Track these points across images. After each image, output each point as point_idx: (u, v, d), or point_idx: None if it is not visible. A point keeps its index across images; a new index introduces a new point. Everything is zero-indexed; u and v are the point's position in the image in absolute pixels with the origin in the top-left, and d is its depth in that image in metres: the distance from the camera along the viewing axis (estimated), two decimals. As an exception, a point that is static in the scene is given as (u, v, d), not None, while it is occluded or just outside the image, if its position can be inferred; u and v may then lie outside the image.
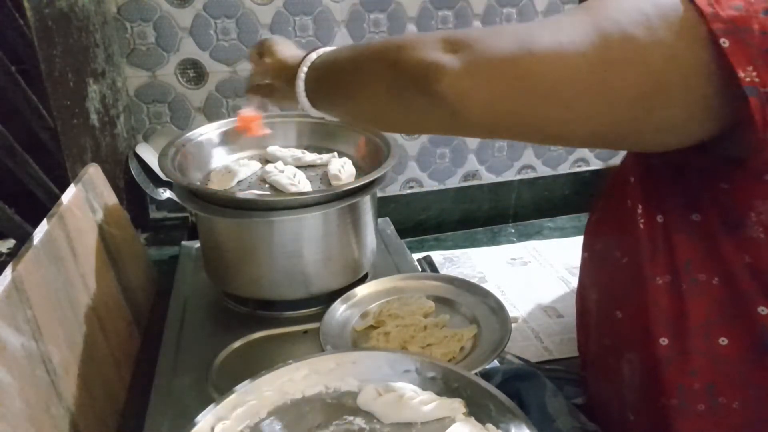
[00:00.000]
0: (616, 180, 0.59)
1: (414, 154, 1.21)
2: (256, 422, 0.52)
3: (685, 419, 0.52)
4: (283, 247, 0.75)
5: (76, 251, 0.66)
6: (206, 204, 0.74)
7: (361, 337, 0.74)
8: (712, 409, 0.51)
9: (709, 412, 0.51)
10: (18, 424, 0.46)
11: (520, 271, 1.07)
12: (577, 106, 0.42)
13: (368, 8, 1.06)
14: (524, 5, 1.13)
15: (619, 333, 0.58)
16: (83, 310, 0.64)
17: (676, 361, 0.51)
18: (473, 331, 0.73)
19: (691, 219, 0.50)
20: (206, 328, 0.79)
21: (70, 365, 0.57)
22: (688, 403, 0.52)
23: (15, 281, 0.51)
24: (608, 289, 0.60)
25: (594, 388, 0.69)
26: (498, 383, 0.69)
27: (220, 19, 1.01)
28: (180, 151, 0.82)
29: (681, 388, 0.51)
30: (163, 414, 0.64)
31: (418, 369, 0.56)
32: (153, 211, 1.08)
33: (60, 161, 0.77)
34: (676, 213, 0.51)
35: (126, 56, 1.01)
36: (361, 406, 0.53)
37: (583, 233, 0.65)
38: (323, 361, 0.57)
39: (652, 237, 0.52)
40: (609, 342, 0.61)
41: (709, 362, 0.50)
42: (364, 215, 0.80)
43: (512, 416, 0.49)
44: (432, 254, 1.11)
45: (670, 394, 0.52)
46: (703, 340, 0.50)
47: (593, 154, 1.32)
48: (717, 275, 0.49)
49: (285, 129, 0.95)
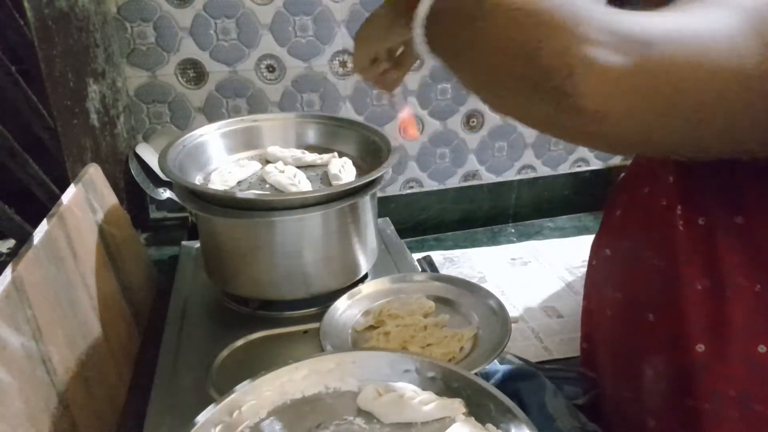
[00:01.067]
0: (642, 175, 0.57)
1: (414, 154, 1.21)
2: (256, 422, 0.52)
3: (716, 426, 0.51)
4: (283, 247, 0.75)
5: (76, 251, 0.66)
6: (206, 204, 0.74)
7: (361, 337, 0.74)
8: (746, 416, 0.49)
9: (742, 419, 0.50)
10: (18, 424, 0.46)
11: (520, 271, 1.07)
12: (747, 115, 0.38)
13: (368, 8, 1.06)
14: (524, 5, 1.13)
15: (645, 336, 0.56)
16: (83, 310, 0.64)
17: (711, 367, 0.50)
18: (473, 331, 0.73)
19: (735, 222, 0.48)
20: (206, 328, 0.79)
21: (70, 365, 0.57)
22: (721, 409, 0.50)
23: (15, 281, 0.51)
24: (635, 290, 0.58)
25: (609, 390, 0.67)
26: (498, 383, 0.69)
27: (220, 19, 1.01)
28: (180, 151, 0.82)
29: (715, 394, 0.50)
30: (163, 414, 0.64)
31: (418, 369, 0.56)
32: (153, 211, 1.08)
33: (60, 161, 0.77)
34: (719, 215, 0.49)
35: (126, 56, 1.01)
36: (361, 406, 0.53)
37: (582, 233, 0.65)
38: (323, 361, 0.57)
39: (691, 240, 0.50)
40: (630, 344, 0.59)
41: (745, 369, 0.49)
42: (364, 215, 0.80)
43: (512, 416, 0.49)
44: (432, 254, 1.11)
45: (703, 400, 0.51)
46: (742, 347, 0.48)
47: (593, 154, 1.32)
48: (759, 282, 0.47)
49: (285, 129, 0.95)
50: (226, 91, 1.07)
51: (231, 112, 1.08)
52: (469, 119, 1.20)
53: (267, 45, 1.05)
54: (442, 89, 1.16)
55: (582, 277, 1.03)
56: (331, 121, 0.95)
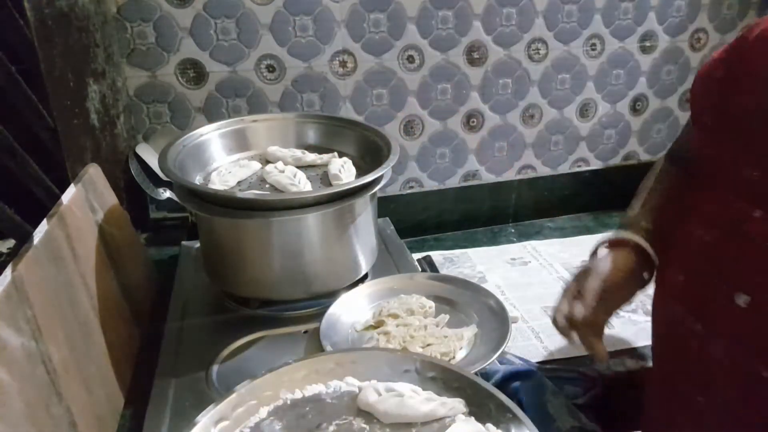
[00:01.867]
0: (710, 205, 0.57)
1: (414, 154, 1.21)
2: (256, 422, 0.52)
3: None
4: (283, 247, 0.75)
5: (76, 251, 0.66)
6: (206, 204, 0.74)
7: (361, 337, 0.74)
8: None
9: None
10: (18, 424, 0.46)
11: (520, 271, 1.07)
12: None
13: (368, 8, 1.06)
14: (524, 5, 1.13)
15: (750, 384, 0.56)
16: (83, 310, 0.64)
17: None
18: (473, 331, 0.73)
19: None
20: (206, 328, 0.79)
21: (70, 365, 0.57)
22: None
23: (15, 281, 0.51)
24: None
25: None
26: (498, 383, 0.69)
27: (220, 19, 1.01)
28: (180, 151, 0.82)
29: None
30: (163, 414, 0.64)
31: (418, 369, 0.56)
32: (153, 211, 1.08)
33: (60, 161, 0.77)
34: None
35: (126, 56, 1.01)
36: (361, 406, 0.53)
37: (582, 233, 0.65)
38: (323, 361, 0.57)
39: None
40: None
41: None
42: (364, 215, 0.80)
43: (512, 416, 0.49)
44: (432, 254, 1.11)
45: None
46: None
47: (593, 154, 1.32)
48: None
49: (285, 129, 0.95)
50: (226, 91, 1.07)
51: (231, 112, 1.08)
52: (469, 119, 1.20)
53: (267, 45, 1.05)
54: (442, 89, 1.16)
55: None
56: (331, 121, 0.95)
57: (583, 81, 1.24)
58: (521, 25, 1.15)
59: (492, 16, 1.13)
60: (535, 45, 1.18)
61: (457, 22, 1.11)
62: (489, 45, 1.15)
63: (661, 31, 1.24)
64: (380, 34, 1.09)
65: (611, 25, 1.20)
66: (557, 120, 1.26)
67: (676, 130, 1.37)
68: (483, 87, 1.18)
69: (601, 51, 1.22)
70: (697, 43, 1.28)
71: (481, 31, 1.13)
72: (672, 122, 1.36)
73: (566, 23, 1.18)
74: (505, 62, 1.17)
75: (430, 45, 1.12)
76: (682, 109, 1.35)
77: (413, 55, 1.12)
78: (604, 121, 1.30)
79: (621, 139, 1.33)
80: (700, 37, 1.28)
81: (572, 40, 1.20)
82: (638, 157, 1.37)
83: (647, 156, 1.37)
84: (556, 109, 1.25)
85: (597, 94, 1.27)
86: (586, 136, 1.30)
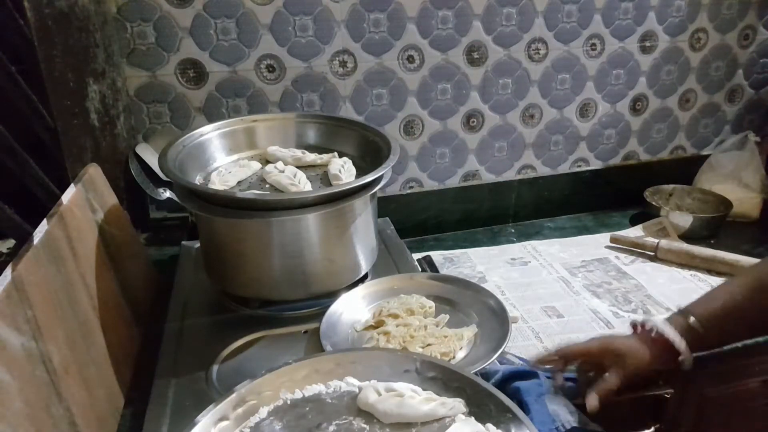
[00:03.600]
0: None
1: (414, 154, 1.21)
2: (256, 422, 0.52)
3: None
4: (283, 247, 0.75)
5: (76, 251, 0.66)
6: (206, 204, 0.74)
7: (361, 337, 0.74)
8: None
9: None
10: (18, 424, 0.46)
11: (520, 271, 1.07)
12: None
13: (368, 8, 1.06)
14: (524, 5, 1.13)
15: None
16: (83, 310, 0.64)
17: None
18: (473, 331, 0.73)
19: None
20: (206, 328, 0.79)
21: (70, 365, 0.57)
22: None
23: (15, 281, 0.51)
24: None
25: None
26: (498, 383, 0.69)
27: (220, 19, 1.01)
28: (180, 151, 0.82)
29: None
30: (163, 414, 0.64)
31: (418, 369, 0.56)
32: (153, 211, 1.07)
33: (60, 161, 0.77)
34: None
35: (126, 56, 1.01)
36: (361, 406, 0.53)
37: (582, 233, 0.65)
38: (323, 361, 0.57)
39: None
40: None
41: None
42: (364, 215, 0.80)
43: (512, 416, 0.49)
44: (432, 254, 1.11)
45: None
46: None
47: (593, 154, 1.32)
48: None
49: (285, 129, 0.95)
50: (226, 91, 1.07)
51: (231, 112, 1.08)
52: (469, 119, 1.20)
53: (267, 45, 1.05)
54: (442, 89, 1.16)
55: (582, 276, 1.03)
56: (331, 121, 0.95)
57: (583, 81, 1.24)
58: (521, 25, 1.15)
59: (492, 16, 1.13)
60: (535, 45, 1.18)
61: (457, 22, 1.11)
62: (489, 45, 1.15)
63: (661, 31, 1.24)
64: (380, 34, 1.09)
65: (611, 25, 1.21)
66: (557, 120, 1.26)
67: (676, 130, 1.37)
68: (483, 87, 1.18)
69: (601, 51, 1.22)
70: (697, 43, 1.29)
71: (481, 31, 1.13)
72: (672, 122, 1.36)
73: (566, 23, 1.18)
74: (505, 62, 1.17)
75: (430, 45, 1.12)
76: (682, 109, 1.35)
77: (413, 55, 1.12)
78: (604, 121, 1.30)
79: (621, 139, 1.33)
80: (700, 37, 1.28)
81: (572, 40, 1.20)
82: (638, 157, 1.37)
83: (647, 156, 1.37)
84: (556, 109, 1.25)
85: (597, 94, 1.27)
86: (586, 136, 1.30)
